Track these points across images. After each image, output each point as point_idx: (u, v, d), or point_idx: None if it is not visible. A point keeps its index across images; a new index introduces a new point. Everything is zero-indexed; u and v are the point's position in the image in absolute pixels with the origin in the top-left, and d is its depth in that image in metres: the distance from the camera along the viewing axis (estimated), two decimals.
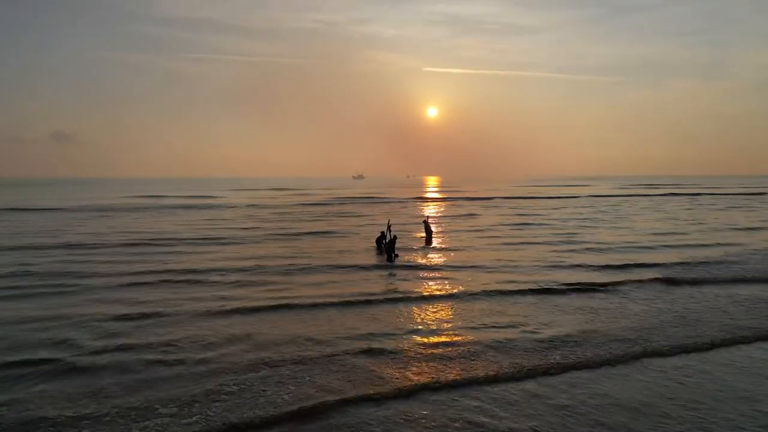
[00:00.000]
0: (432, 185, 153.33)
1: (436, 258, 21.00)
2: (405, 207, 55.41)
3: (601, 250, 22.65)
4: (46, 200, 64.50)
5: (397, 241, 21.94)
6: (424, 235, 27.07)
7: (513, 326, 11.74)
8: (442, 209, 51.56)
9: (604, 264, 19.19)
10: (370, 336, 11.09)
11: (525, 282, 16.28)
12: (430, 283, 16.25)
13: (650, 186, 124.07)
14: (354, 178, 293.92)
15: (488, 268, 18.62)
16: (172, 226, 32.98)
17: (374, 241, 24.31)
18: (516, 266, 18.87)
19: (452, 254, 21.95)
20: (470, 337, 11.01)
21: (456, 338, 10.95)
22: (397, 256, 20.67)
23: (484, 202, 62.36)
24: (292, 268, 18.69)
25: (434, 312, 13.00)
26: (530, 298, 14.32)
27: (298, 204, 59.87)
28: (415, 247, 23.86)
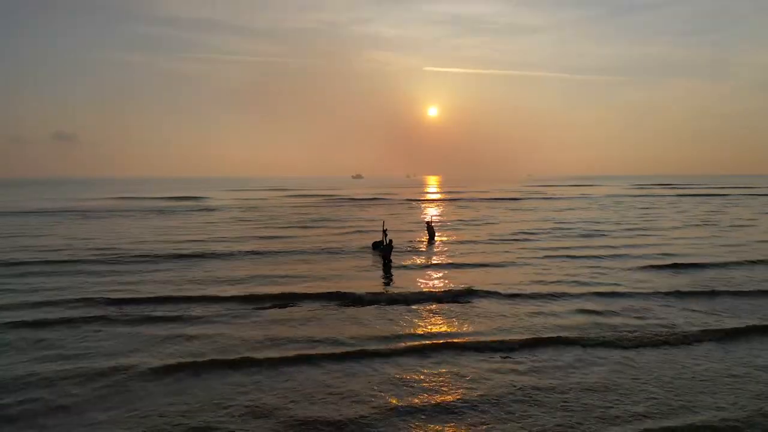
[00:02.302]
0: (434, 185, 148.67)
1: (447, 277, 16.37)
2: (406, 209, 50.69)
3: (665, 267, 17.93)
4: (22, 202, 59.90)
5: (393, 248, 19.30)
6: (427, 238, 25.38)
7: (570, 411, 7.16)
8: (451, 212, 46.68)
9: (676, 289, 14.56)
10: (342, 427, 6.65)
11: (574, 318, 11.71)
12: (437, 322, 11.66)
13: (666, 186, 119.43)
14: (353, 177, 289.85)
15: (521, 295, 14.01)
16: (138, 233, 28.37)
17: (371, 245, 22.47)
18: (556, 291, 14.26)
19: (470, 272, 17.34)
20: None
21: None
22: (390, 262, 18.54)
23: (495, 203, 57.65)
24: (260, 293, 14.11)
25: (442, 379, 8.42)
26: (588, 355, 9.69)
27: (291, 206, 55.26)
28: (419, 262, 19.30)
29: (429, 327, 11.37)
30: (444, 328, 11.25)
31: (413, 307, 13.05)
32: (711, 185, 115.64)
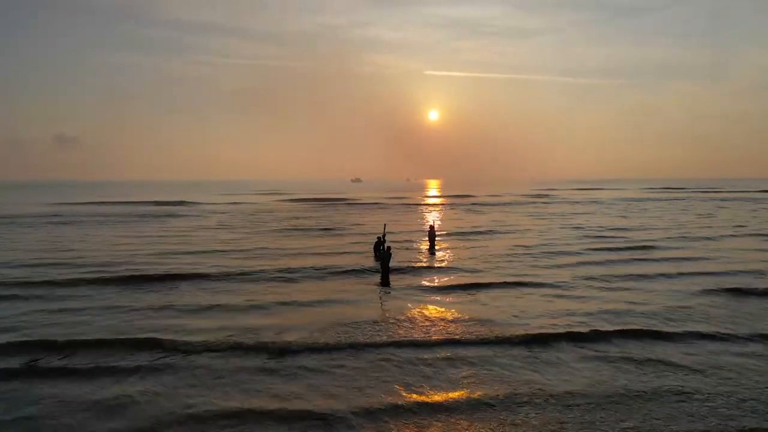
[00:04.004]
0: (437, 189, 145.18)
1: (471, 304, 12.75)
2: (409, 214, 47.08)
3: (726, 292, 14.38)
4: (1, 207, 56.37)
5: (392, 255, 17.14)
6: (428, 245, 23.15)
7: None
8: (464, 218, 42.68)
9: (760, 331, 11.01)
10: None
11: (659, 383, 8.18)
12: (460, 383, 8.12)
13: (677, 189, 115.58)
14: (352, 181, 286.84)
15: (572, 337, 10.48)
16: (104, 244, 24.87)
17: (373, 248, 20.77)
18: (629, 328, 10.70)
19: (497, 296, 13.75)
20: None
21: None
22: (389, 273, 16.58)
23: (509, 208, 53.60)
24: (214, 333, 10.58)
25: None
26: None
27: (285, 211, 51.72)
28: (427, 282, 15.74)
29: (446, 393, 7.83)
30: (468, 392, 7.71)
31: (423, 357, 9.50)
32: (721, 188, 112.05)
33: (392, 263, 17.55)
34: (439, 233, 29.58)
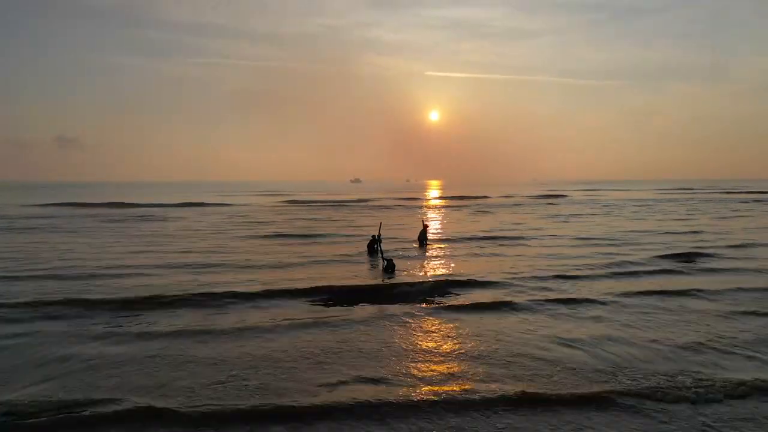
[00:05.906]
0: (438, 190, 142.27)
1: (506, 341, 9.73)
2: (410, 216, 44.17)
3: None
4: None
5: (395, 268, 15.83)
6: (428, 244, 22.89)
7: None
8: (476, 219, 40.01)
9: None
10: None
11: None
12: None
13: (687, 190, 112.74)
14: (351, 182, 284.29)
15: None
16: (66, 252, 21.96)
17: (367, 246, 19.96)
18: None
19: (539, 324, 10.77)
20: None
21: None
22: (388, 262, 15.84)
23: (522, 209, 50.33)
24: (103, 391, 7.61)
25: None
26: None
27: (277, 213, 48.91)
28: (444, 301, 12.75)
29: None
30: None
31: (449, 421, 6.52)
32: (733, 189, 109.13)
33: (394, 271, 14.90)
34: (449, 238, 26.82)
